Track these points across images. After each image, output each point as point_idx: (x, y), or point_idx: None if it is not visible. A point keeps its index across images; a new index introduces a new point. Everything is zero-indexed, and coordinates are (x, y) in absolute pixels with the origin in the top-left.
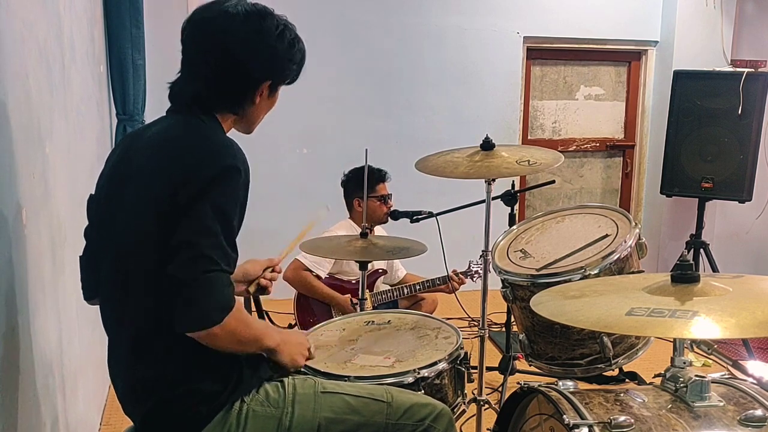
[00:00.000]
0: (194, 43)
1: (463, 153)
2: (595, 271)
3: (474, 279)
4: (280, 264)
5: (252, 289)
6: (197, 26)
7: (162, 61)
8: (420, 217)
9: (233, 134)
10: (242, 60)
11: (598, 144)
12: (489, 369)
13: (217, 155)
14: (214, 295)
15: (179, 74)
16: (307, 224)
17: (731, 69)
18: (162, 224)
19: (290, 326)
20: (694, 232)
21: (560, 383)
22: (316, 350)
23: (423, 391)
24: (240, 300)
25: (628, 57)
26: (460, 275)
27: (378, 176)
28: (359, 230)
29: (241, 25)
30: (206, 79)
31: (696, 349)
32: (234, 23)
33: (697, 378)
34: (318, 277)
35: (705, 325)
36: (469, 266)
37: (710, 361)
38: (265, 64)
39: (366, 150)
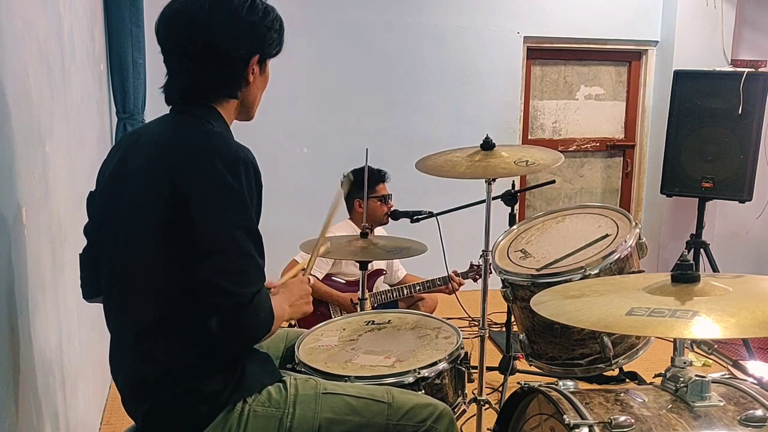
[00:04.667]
0: (170, 39)
1: (463, 153)
2: (596, 271)
3: (475, 280)
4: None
5: None
6: (169, 22)
7: (162, 60)
8: (420, 217)
9: (236, 132)
10: (222, 43)
11: (598, 144)
12: (489, 369)
13: (218, 158)
14: (260, 318)
15: (166, 76)
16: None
17: (731, 69)
18: (160, 225)
19: (290, 326)
20: (694, 232)
21: (560, 383)
22: (316, 350)
23: (423, 391)
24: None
25: (628, 57)
26: (461, 276)
27: (378, 176)
28: (359, 231)
29: (212, 10)
30: (188, 71)
31: (696, 349)
32: (203, 10)
33: (698, 378)
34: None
35: (705, 325)
36: (471, 267)
37: (710, 361)
38: (247, 40)
39: (366, 150)
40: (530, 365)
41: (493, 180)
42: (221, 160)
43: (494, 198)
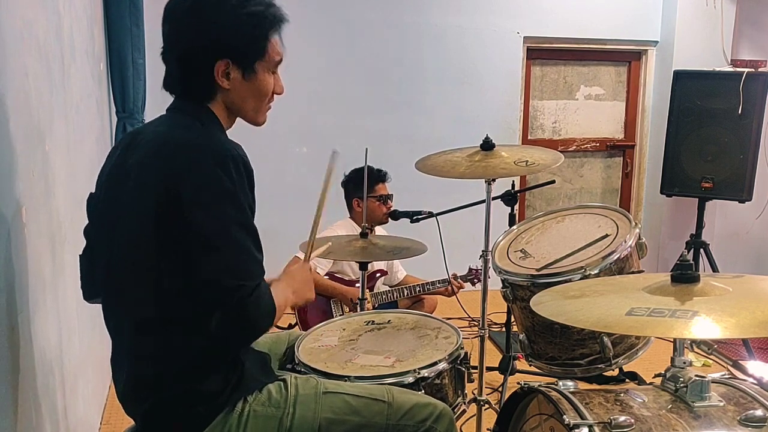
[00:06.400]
0: (163, 34)
1: (463, 153)
2: (595, 271)
3: (474, 284)
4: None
5: None
6: (165, 17)
7: (160, 59)
8: (420, 217)
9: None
10: (185, 42)
11: (598, 144)
12: (489, 369)
13: (208, 156)
14: (262, 310)
15: None
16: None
17: (731, 69)
18: (155, 224)
19: (290, 326)
20: (694, 232)
21: (560, 383)
22: (316, 350)
23: (423, 391)
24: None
25: (628, 57)
26: (460, 279)
27: (377, 176)
28: (359, 230)
29: (181, 7)
30: (172, 70)
31: (696, 349)
32: (177, 6)
33: (697, 378)
34: None
35: (705, 325)
36: (470, 271)
37: (710, 361)
38: (210, 43)
39: (366, 150)
40: (530, 365)
41: (493, 180)
42: (212, 158)
43: (494, 198)
